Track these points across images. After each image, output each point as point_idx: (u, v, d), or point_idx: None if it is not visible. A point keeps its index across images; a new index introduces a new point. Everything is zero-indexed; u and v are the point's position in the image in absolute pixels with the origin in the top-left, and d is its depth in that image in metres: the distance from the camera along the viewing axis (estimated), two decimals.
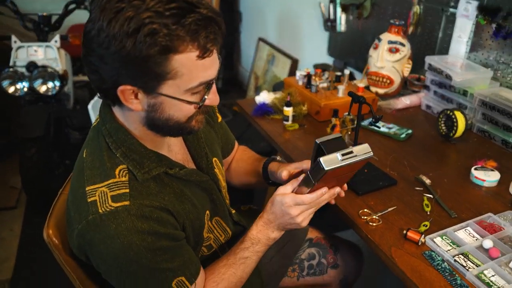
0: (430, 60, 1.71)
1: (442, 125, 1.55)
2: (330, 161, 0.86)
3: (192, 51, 0.77)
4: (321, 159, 0.86)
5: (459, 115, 1.49)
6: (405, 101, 1.81)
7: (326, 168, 0.85)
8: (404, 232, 1.05)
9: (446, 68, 1.63)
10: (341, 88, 1.67)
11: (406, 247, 1.03)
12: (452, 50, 1.82)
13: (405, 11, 2.05)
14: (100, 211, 0.81)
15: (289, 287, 1.32)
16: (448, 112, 1.52)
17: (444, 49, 1.88)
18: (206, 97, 0.84)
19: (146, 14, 0.73)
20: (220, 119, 1.20)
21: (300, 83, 1.79)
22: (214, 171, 1.06)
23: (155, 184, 0.88)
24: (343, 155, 0.87)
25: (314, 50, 3.06)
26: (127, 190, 0.84)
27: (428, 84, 1.76)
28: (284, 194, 0.94)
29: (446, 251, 1.00)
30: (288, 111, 1.63)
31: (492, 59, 1.66)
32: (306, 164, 1.07)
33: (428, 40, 1.97)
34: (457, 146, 1.52)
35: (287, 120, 1.64)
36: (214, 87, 0.87)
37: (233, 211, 1.17)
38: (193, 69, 0.79)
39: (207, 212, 1.01)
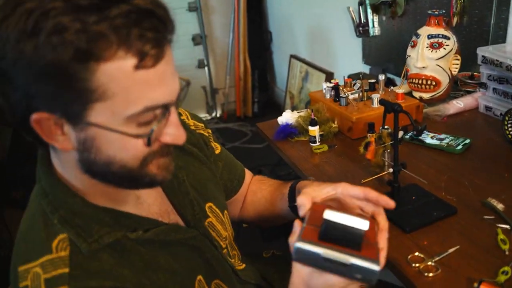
0: (483, 51, 1.40)
1: (510, 128, 1.23)
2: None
3: (124, 59, 0.54)
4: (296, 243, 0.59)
5: None
6: (458, 104, 1.49)
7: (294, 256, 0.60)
8: (476, 285, 0.75)
9: (506, 59, 1.31)
10: (376, 97, 1.39)
11: None
12: (510, 36, 1.49)
13: (446, 0, 1.75)
14: None
15: None
16: None
17: (500, 37, 1.55)
18: (154, 127, 0.60)
19: (52, 4, 0.51)
20: (219, 149, 0.96)
21: (328, 96, 1.52)
22: (205, 222, 0.82)
23: (111, 255, 0.65)
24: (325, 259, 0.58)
25: (348, 60, 2.79)
26: (66, 270, 0.61)
27: (485, 81, 1.43)
28: None
29: None
30: (314, 130, 1.37)
31: None
32: (343, 187, 0.75)
33: (478, 29, 1.64)
34: None
35: (314, 142, 1.38)
36: (174, 116, 0.62)
37: (242, 266, 0.91)
38: (130, 87, 0.55)
39: (199, 277, 0.76)
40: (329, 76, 3.07)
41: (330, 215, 0.59)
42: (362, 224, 0.59)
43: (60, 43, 0.51)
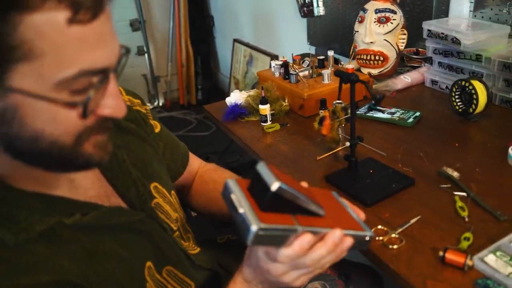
0: (428, 25, 1.40)
1: (457, 100, 1.24)
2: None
3: (55, 10, 0.45)
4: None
5: (477, 85, 1.18)
6: (405, 79, 1.49)
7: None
8: (441, 254, 0.73)
9: (450, 31, 1.32)
10: (327, 73, 1.35)
11: (448, 276, 0.70)
12: (452, 11, 1.52)
13: None
14: None
15: None
16: (463, 83, 1.20)
17: (442, 12, 1.58)
18: (91, 94, 0.50)
19: None
20: (158, 128, 0.88)
21: (277, 74, 1.47)
22: (151, 203, 0.74)
23: (46, 245, 0.55)
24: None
25: (293, 42, 2.76)
26: None
27: (431, 55, 1.45)
28: None
29: (508, 275, 0.68)
30: (265, 109, 1.31)
31: (504, 13, 1.36)
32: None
33: (422, 5, 1.66)
34: (480, 124, 1.20)
35: (266, 121, 1.33)
36: (114, 85, 0.54)
37: (196, 251, 0.84)
38: (63, 45, 0.46)
39: (148, 264, 0.68)
40: (274, 59, 3.03)
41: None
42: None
43: None
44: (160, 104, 4.08)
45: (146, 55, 3.91)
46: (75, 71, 0.48)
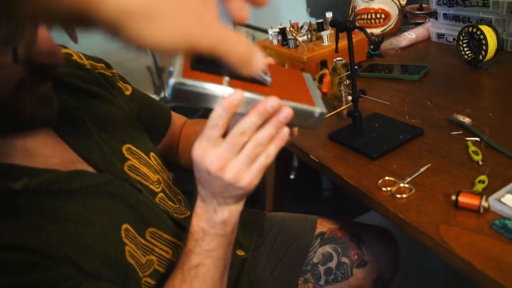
0: None
1: (465, 48, 1.17)
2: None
3: None
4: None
5: (486, 30, 1.11)
6: (410, 35, 1.42)
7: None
8: (454, 198, 0.68)
9: None
10: (326, 34, 1.30)
11: (462, 220, 0.65)
12: None
13: None
14: None
15: None
16: (471, 29, 1.13)
17: None
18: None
19: None
20: (129, 90, 0.83)
21: (275, 42, 1.42)
22: (124, 166, 0.70)
23: None
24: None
25: (292, 15, 2.69)
26: None
27: (434, 8, 1.37)
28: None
29: None
30: None
31: None
32: None
33: None
34: (490, 71, 1.13)
35: None
36: (44, 31, 0.51)
37: (186, 214, 0.79)
38: None
39: (125, 226, 0.64)
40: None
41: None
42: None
43: None
44: (167, 95, 4.05)
45: None
46: None
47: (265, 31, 3.09)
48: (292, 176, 2.06)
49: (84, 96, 0.72)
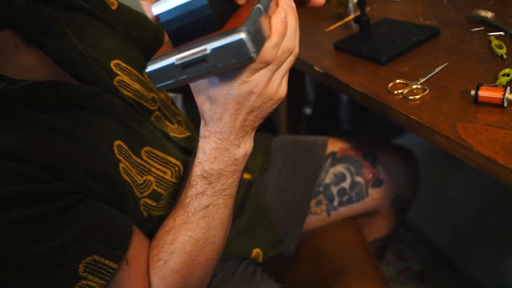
0: None
1: None
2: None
3: None
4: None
5: None
6: None
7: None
8: (473, 93, 0.60)
9: None
10: None
11: (483, 117, 0.58)
12: None
13: None
14: None
15: (320, 227, 0.92)
16: None
17: None
18: None
19: None
20: (115, 5, 0.75)
21: None
22: (113, 81, 0.64)
23: None
24: None
25: None
26: None
27: None
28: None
29: None
30: None
31: None
32: None
33: None
34: None
35: None
36: None
37: (185, 134, 0.74)
38: None
39: (118, 142, 0.59)
40: None
41: (157, 6, 0.40)
42: None
43: None
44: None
45: None
46: None
47: None
48: (308, 112, 1.98)
49: (63, 8, 0.65)
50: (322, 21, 1.01)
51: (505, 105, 0.58)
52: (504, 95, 0.57)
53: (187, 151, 0.71)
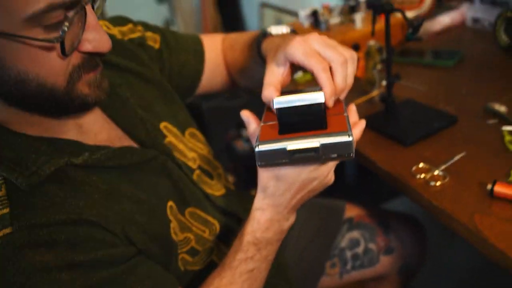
0: None
1: (502, 34, 1.14)
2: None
3: None
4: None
5: None
6: (444, 20, 1.39)
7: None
8: (489, 187, 0.67)
9: None
10: (359, 17, 1.28)
11: (497, 210, 0.65)
12: None
13: None
14: None
15: None
16: (509, 13, 1.10)
17: None
18: (65, 29, 0.48)
19: None
20: (158, 42, 0.82)
21: (306, 24, 1.41)
22: (164, 141, 0.71)
23: (60, 187, 0.54)
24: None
25: None
26: (6, 210, 0.50)
27: None
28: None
29: None
30: None
31: None
32: (289, 54, 0.58)
33: None
34: None
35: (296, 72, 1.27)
36: (92, 17, 0.51)
37: (220, 192, 0.80)
38: None
39: (170, 203, 0.66)
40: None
41: (280, 102, 0.52)
42: (317, 97, 0.51)
43: None
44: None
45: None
46: (44, 5, 0.46)
47: (293, 13, 3.05)
48: None
49: (125, 73, 0.73)
50: (349, 93, 1.10)
51: None
52: None
53: (223, 210, 0.78)
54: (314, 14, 1.37)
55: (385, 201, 1.90)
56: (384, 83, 0.91)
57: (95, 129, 0.64)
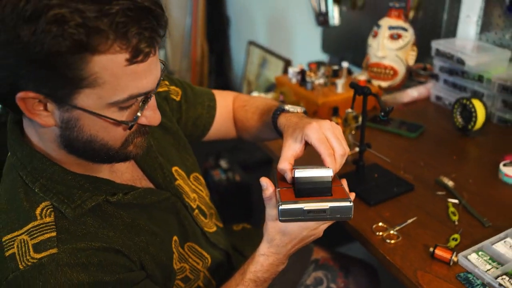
0: (437, 44, 1.52)
1: (458, 117, 1.35)
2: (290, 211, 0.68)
3: (119, 53, 0.57)
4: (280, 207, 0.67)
5: (477, 104, 1.29)
6: (412, 93, 1.61)
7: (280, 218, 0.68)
8: (431, 250, 0.84)
9: (456, 52, 1.43)
10: (340, 83, 1.47)
11: (436, 269, 0.82)
12: (460, 32, 1.62)
13: None
14: (20, 266, 0.61)
15: None
16: (464, 101, 1.32)
17: (450, 33, 1.68)
18: (139, 114, 0.65)
19: None
20: (179, 95, 0.96)
21: (294, 81, 1.59)
22: (175, 183, 0.86)
23: (94, 219, 0.69)
24: (309, 211, 0.67)
25: (307, 48, 2.87)
26: (54, 234, 0.64)
27: (437, 72, 1.56)
28: None
29: (486, 271, 0.80)
30: None
31: (507, 38, 1.47)
32: (307, 137, 0.73)
33: (432, 23, 1.77)
34: (477, 140, 1.31)
35: None
36: (153, 101, 0.67)
37: (212, 230, 0.95)
38: (120, 77, 0.59)
39: (175, 238, 0.82)
40: (287, 64, 3.14)
41: (299, 173, 0.68)
42: (327, 173, 0.68)
43: (60, 34, 0.52)
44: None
45: (164, 49, 4.02)
46: (126, 96, 0.61)
47: (278, 56, 3.26)
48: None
49: None
50: None
51: (451, 264, 0.82)
52: (451, 257, 0.82)
53: (215, 246, 0.93)
54: (302, 72, 1.56)
55: (345, 244, 2.07)
56: (356, 149, 1.09)
57: (122, 169, 0.79)
